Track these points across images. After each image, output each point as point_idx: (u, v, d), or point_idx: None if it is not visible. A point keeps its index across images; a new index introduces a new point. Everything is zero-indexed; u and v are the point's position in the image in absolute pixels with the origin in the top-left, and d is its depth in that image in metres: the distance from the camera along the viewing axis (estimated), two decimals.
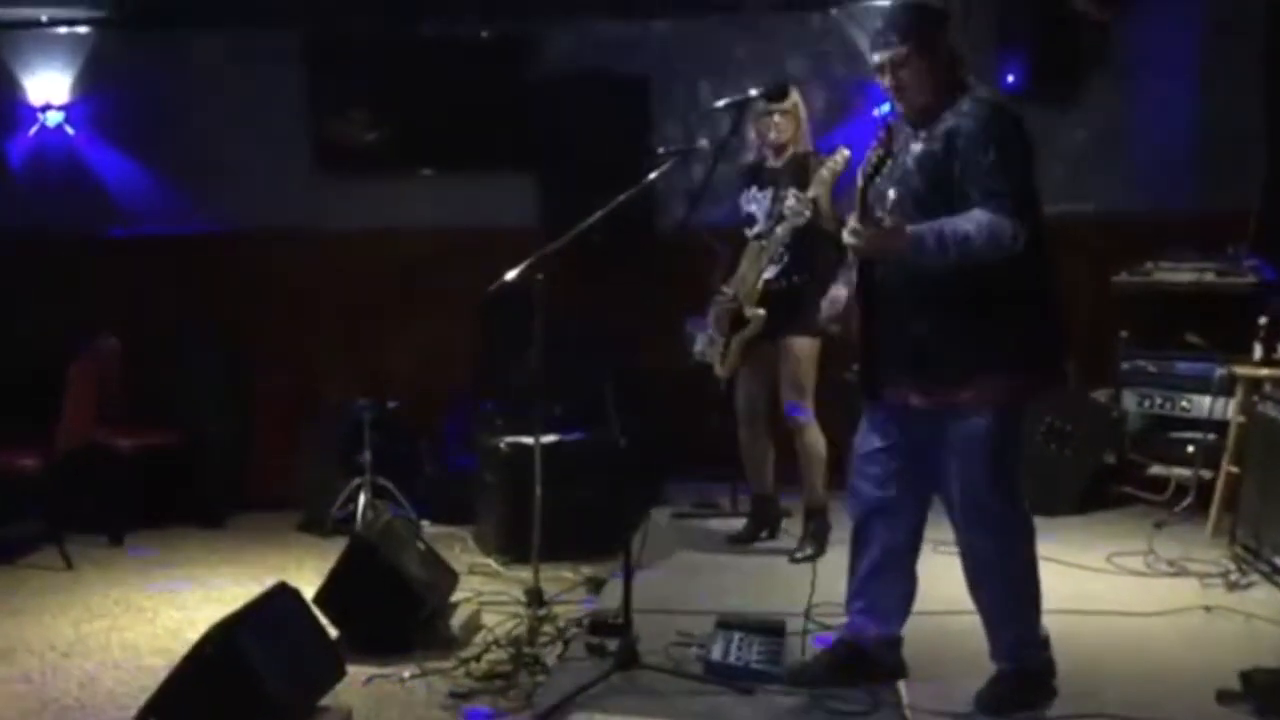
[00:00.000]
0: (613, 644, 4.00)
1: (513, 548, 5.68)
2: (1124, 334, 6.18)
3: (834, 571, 4.20)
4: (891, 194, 3.47)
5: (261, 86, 6.96)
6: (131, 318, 6.79)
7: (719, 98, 6.62)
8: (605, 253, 4.68)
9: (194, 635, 4.74)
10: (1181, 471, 5.89)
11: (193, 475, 6.69)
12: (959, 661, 3.85)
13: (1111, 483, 6.13)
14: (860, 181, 3.43)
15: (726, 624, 4.10)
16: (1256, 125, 6.34)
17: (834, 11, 6.65)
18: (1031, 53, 6.29)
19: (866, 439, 3.76)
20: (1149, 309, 6.15)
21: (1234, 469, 5.45)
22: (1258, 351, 5.38)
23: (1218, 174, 6.44)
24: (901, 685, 3.75)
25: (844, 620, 4.08)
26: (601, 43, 6.85)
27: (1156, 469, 6.03)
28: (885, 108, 6.45)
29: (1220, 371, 5.76)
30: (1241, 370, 5.48)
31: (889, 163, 3.41)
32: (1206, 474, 5.73)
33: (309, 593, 4.34)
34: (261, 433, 7.03)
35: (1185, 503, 5.76)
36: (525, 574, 5.43)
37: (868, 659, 3.77)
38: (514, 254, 6.07)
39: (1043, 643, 3.65)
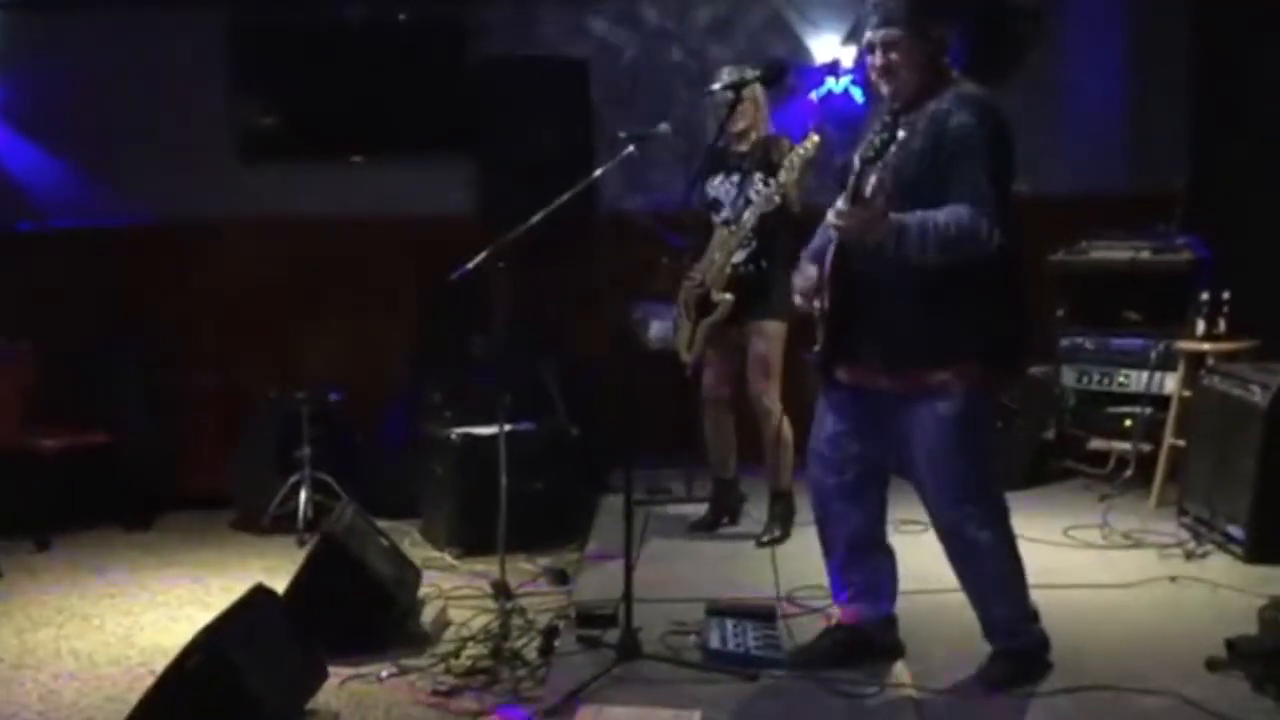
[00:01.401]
0: (606, 635, 3.96)
1: (466, 540, 5.61)
2: (1061, 312, 6.31)
3: (802, 553, 4.22)
4: (872, 179, 3.42)
5: (181, 71, 6.71)
6: (48, 316, 6.52)
7: (657, 82, 6.74)
8: (544, 239, 4.60)
9: (145, 641, 4.71)
10: (1121, 445, 6.04)
11: (119, 475, 6.46)
12: (955, 637, 3.87)
13: (1052, 457, 6.25)
14: (856, 165, 3.40)
15: (717, 610, 4.09)
16: (1182, 108, 6.53)
17: None
18: (965, 37, 6.35)
19: (824, 422, 3.75)
20: (1084, 287, 6.26)
21: (1177, 441, 5.60)
22: (1200, 327, 5.53)
23: (1145, 156, 6.61)
24: (902, 665, 3.77)
25: (825, 602, 4.12)
26: (540, 26, 6.75)
27: (1096, 443, 6.18)
28: (822, 91, 6.55)
29: (1157, 346, 5.91)
30: (1185, 345, 5.63)
31: (891, 149, 3.37)
32: (1145, 447, 5.89)
33: None
34: (189, 429, 6.81)
35: (1126, 475, 5.91)
36: (481, 566, 5.37)
37: (866, 640, 3.78)
38: (450, 241, 5.94)
39: (1033, 616, 3.69)
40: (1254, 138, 5.98)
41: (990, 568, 3.60)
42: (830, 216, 3.40)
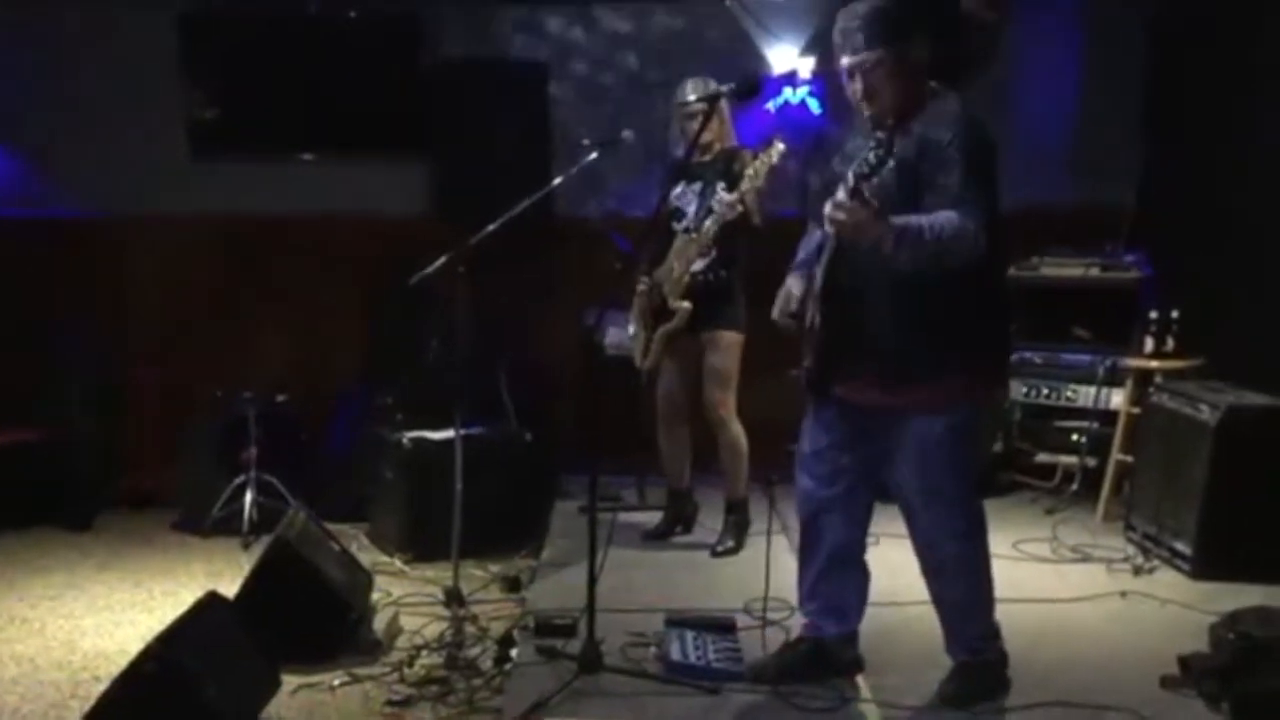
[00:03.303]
0: (565, 645, 3.93)
1: (414, 546, 5.54)
2: (1011, 326, 6.36)
3: (758, 564, 4.21)
4: (865, 194, 3.42)
5: (132, 62, 6.57)
6: None
7: (615, 88, 6.72)
8: (500, 243, 4.58)
9: (88, 646, 4.61)
10: (1068, 459, 6.11)
11: (58, 474, 6.30)
12: (914, 652, 3.91)
13: (999, 470, 6.30)
14: (850, 180, 3.37)
15: (676, 622, 4.08)
16: (1132, 127, 6.62)
17: (729, 3, 6.65)
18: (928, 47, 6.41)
19: (813, 436, 3.76)
20: (1033, 302, 6.32)
21: (1123, 457, 5.68)
22: (1148, 345, 5.60)
23: (1092, 173, 6.67)
24: (861, 679, 3.78)
25: (784, 614, 4.13)
26: (499, 27, 6.70)
27: (1043, 456, 6.25)
28: (779, 101, 6.57)
29: (1105, 363, 5.99)
30: (1133, 362, 5.71)
31: (889, 164, 3.30)
32: (1092, 461, 5.97)
33: None
34: (131, 428, 6.68)
35: (1072, 489, 5.99)
36: (431, 573, 5.32)
37: (827, 655, 3.79)
38: (404, 242, 5.94)
39: (996, 633, 3.73)
40: (1203, 159, 6.07)
41: (964, 582, 3.63)
42: (829, 210, 3.34)
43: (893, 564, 4.10)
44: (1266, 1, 5.69)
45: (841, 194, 3.30)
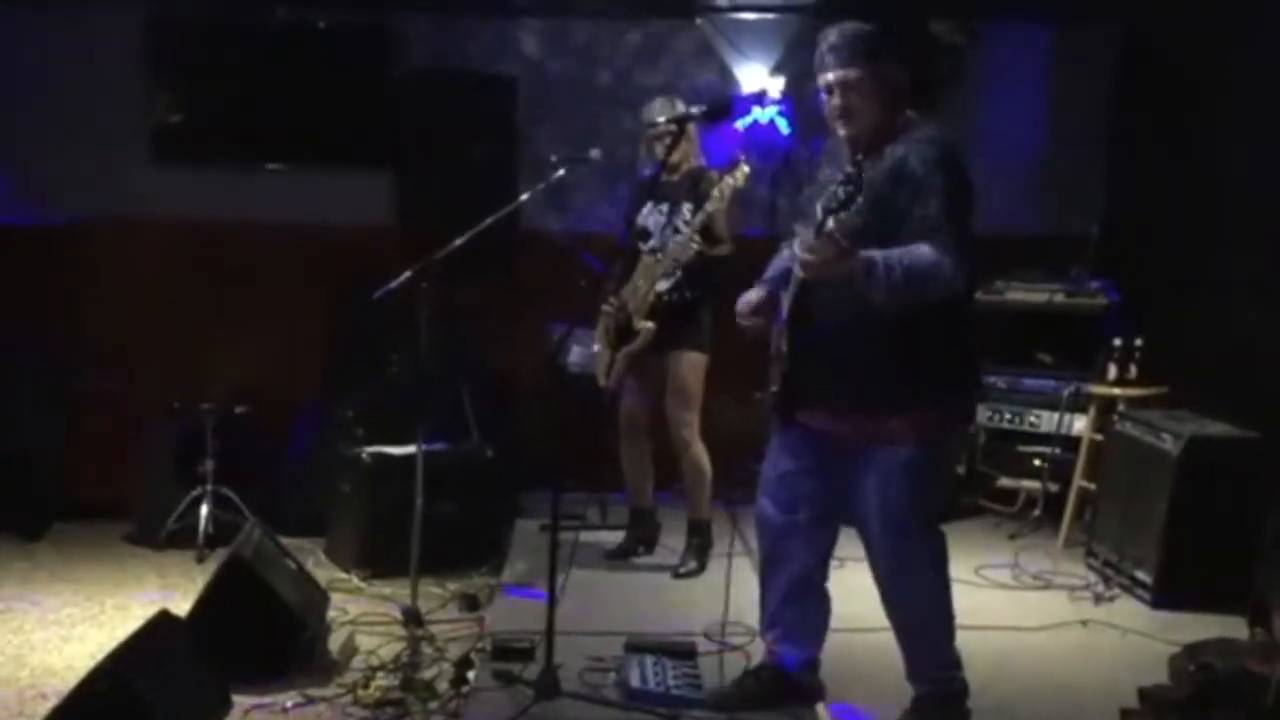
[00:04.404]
0: (522, 670, 3.88)
1: (372, 562, 5.48)
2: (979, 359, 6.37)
3: (720, 586, 4.20)
4: (831, 222, 3.30)
5: (93, 69, 6.46)
6: None
7: (584, 103, 6.68)
8: (465, 257, 4.53)
9: (36, 661, 4.54)
10: (1030, 484, 6.12)
11: (10, 484, 6.20)
12: (875, 680, 3.88)
13: (962, 494, 6.30)
14: (819, 214, 3.34)
15: (636, 646, 4.04)
16: (1099, 154, 6.65)
17: (699, 21, 6.63)
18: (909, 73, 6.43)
19: (777, 462, 3.72)
20: (998, 327, 6.32)
21: (1086, 483, 5.68)
22: (1112, 372, 5.61)
23: (1058, 199, 6.72)
24: (821, 708, 3.75)
25: (747, 639, 4.10)
26: (469, 40, 6.64)
27: (1006, 481, 6.25)
28: (748, 120, 6.55)
29: (1068, 388, 6.01)
30: (1096, 389, 5.72)
31: (857, 200, 3.24)
32: (1054, 487, 5.97)
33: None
34: (84, 438, 6.54)
35: (1035, 514, 5.99)
36: (388, 590, 5.27)
37: (789, 682, 3.75)
38: (368, 253, 5.89)
39: (956, 663, 3.69)
40: (1168, 186, 6.10)
41: (924, 614, 3.60)
42: (797, 249, 3.30)
43: (857, 588, 4.05)
44: (1229, 32, 5.73)
45: (810, 235, 3.26)
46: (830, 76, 3.44)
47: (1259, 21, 5.51)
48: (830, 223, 3.21)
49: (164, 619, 3.79)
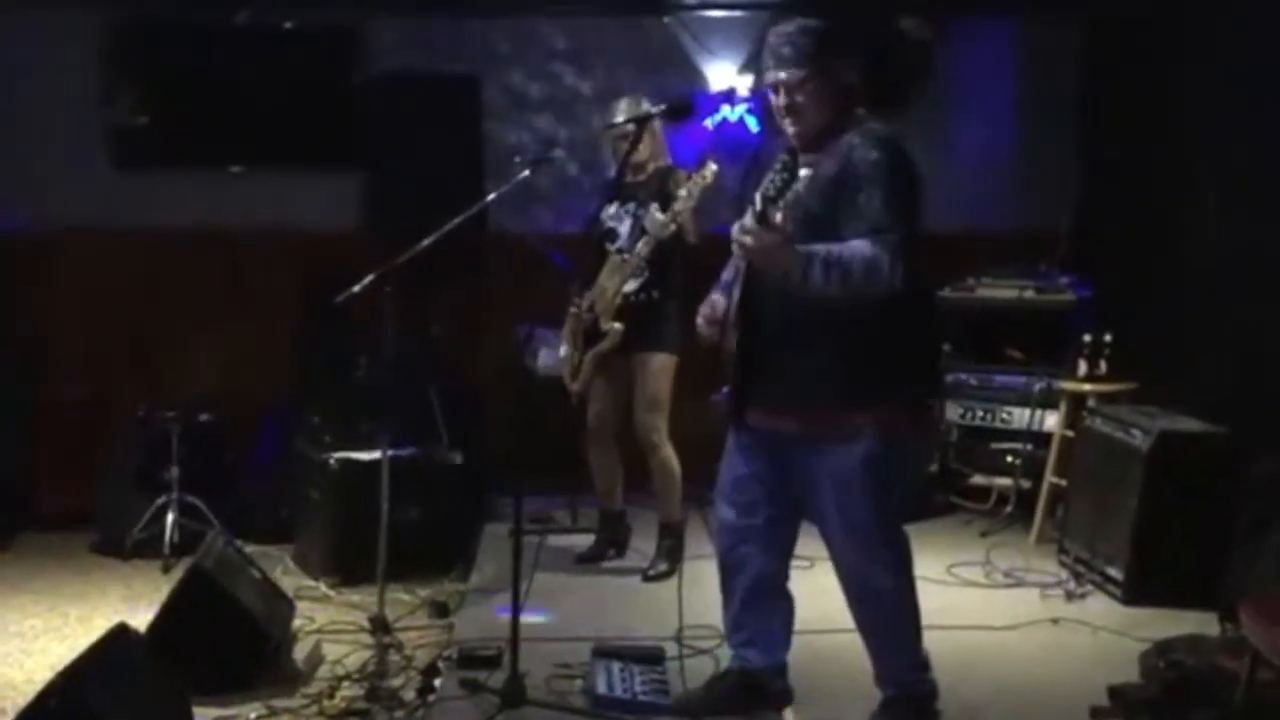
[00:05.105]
0: (488, 678, 3.83)
1: (341, 569, 5.42)
2: (946, 347, 6.35)
3: (689, 589, 4.17)
4: (776, 217, 3.28)
5: (52, 71, 6.39)
6: None
7: (551, 103, 6.64)
8: (431, 260, 4.48)
9: None
10: (1002, 481, 6.10)
11: None
12: (842, 682, 3.85)
13: (934, 491, 6.28)
14: (758, 203, 3.32)
15: (603, 653, 4.00)
16: (1069, 151, 6.64)
17: (666, 19, 6.60)
18: (858, 71, 6.40)
19: (732, 464, 3.68)
20: (968, 324, 6.30)
21: (1057, 480, 5.67)
22: (1082, 368, 5.60)
23: (1027, 196, 6.71)
24: (789, 713, 3.72)
25: (714, 643, 4.07)
26: (430, 41, 6.58)
27: (978, 478, 6.23)
28: (717, 118, 6.52)
29: (1039, 384, 5.99)
30: (1067, 385, 5.70)
31: (793, 187, 3.31)
32: (1026, 483, 5.95)
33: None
34: (49, 447, 6.47)
35: (1007, 511, 5.98)
36: (357, 597, 5.21)
37: (756, 686, 3.72)
38: (334, 257, 5.82)
39: (924, 665, 3.66)
40: (1137, 183, 6.09)
41: (889, 616, 3.56)
42: (735, 233, 3.27)
43: (825, 588, 4.01)
44: (1193, 29, 5.72)
45: (749, 218, 3.22)
46: (774, 77, 3.43)
47: (1225, 11, 5.50)
48: (773, 213, 3.17)
49: (121, 632, 3.71)
